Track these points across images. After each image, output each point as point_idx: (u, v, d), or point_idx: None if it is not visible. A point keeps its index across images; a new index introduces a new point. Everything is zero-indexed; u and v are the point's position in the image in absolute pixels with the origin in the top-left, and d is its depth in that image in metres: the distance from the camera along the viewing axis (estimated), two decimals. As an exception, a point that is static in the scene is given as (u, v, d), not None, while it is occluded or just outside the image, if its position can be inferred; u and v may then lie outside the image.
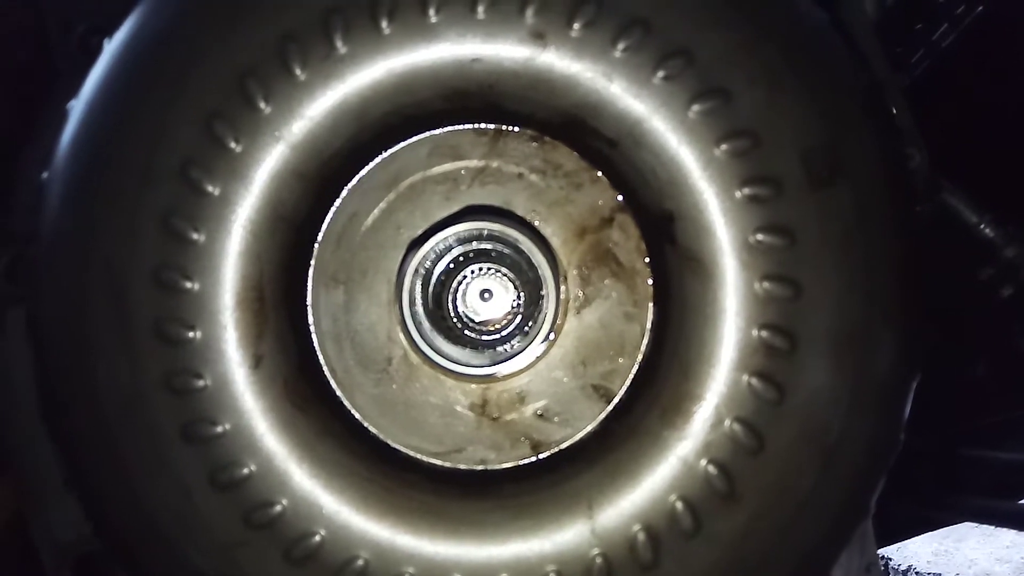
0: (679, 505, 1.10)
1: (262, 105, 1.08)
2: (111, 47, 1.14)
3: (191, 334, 1.08)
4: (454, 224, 1.16)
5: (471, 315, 1.24)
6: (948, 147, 1.59)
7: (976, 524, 3.60)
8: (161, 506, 1.08)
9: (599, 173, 1.17)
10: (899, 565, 4.22)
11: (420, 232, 1.18)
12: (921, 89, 1.92)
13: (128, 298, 1.07)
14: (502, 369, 1.20)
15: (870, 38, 1.46)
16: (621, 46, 1.09)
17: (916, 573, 4.17)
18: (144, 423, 1.08)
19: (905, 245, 1.14)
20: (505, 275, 1.23)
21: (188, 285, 1.08)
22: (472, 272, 1.24)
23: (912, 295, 1.14)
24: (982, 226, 1.69)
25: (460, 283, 1.24)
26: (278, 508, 1.09)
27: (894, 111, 1.32)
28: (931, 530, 2.65)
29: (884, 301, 1.12)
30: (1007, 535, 4.29)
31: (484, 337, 1.25)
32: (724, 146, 1.10)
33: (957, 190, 1.69)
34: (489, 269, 1.24)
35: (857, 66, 1.20)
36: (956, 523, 2.70)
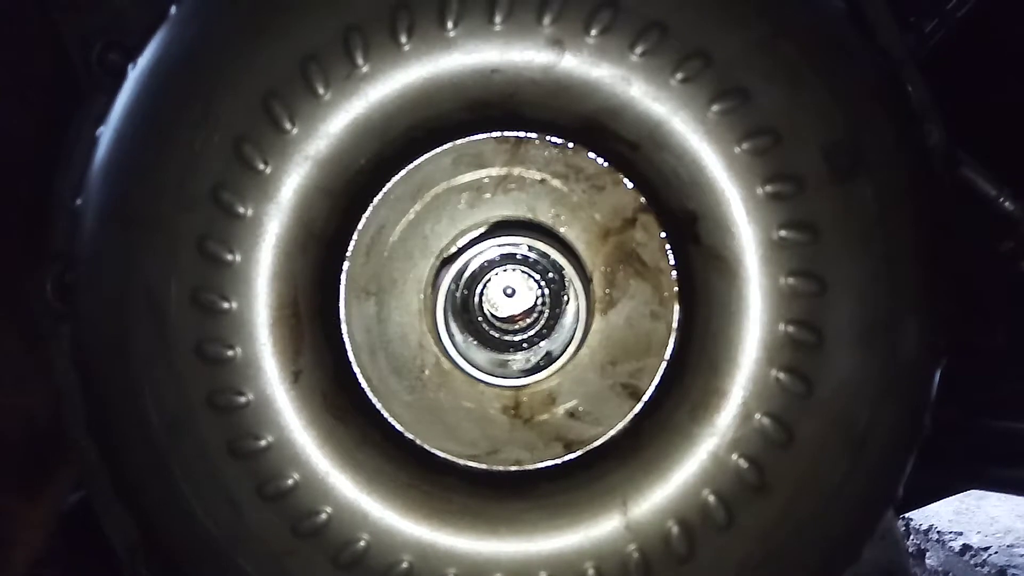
0: (711, 499, 1.13)
1: (288, 126, 1.10)
2: (136, 73, 1.16)
3: (231, 353, 1.11)
4: (484, 240, 1.18)
5: (495, 311, 1.26)
6: (965, 119, 1.59)
7: (996, 486, 3.62)
8: (212, 519, 1.13)
9: (621, 176, 1.19)
10: (920, 525, 4.26)
11: (448, 244, 1.19)
12: (937, 60, 1.90)
13: (169, 321, 1.10)
14: (532, 371, 1.23)
15: (884, 15, 1.45)
16: (639, 50, 1.10)
17: (937, 532, 4.20)
18: (191, 440, 1.12)
19: (928, 234, 1.15)
20: (528, 273, 1.25)
21: (226, 305, 1.11)
22: (496, 273, 1.26)
23: (936, 284, 1.15)
24: (1001, 199, 1.69)
25: (485, 284, 1.26)
26: (324, 516, 1.13)
27: (911, 89, 1.31)
28: (946, 496, 2.68)
29: (909, 292, 1.13)
30: (1028, 492, 4.28)
31: (509, 337, 1.27)
32: (745, 145, 1.11)
33: (975, 163, 1.68)
34: (514, 270, 1.26)
35: (875, 56, 1.19)
36: (970, 489, 2.73)
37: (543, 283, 1.24)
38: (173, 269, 1.10)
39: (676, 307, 1.19)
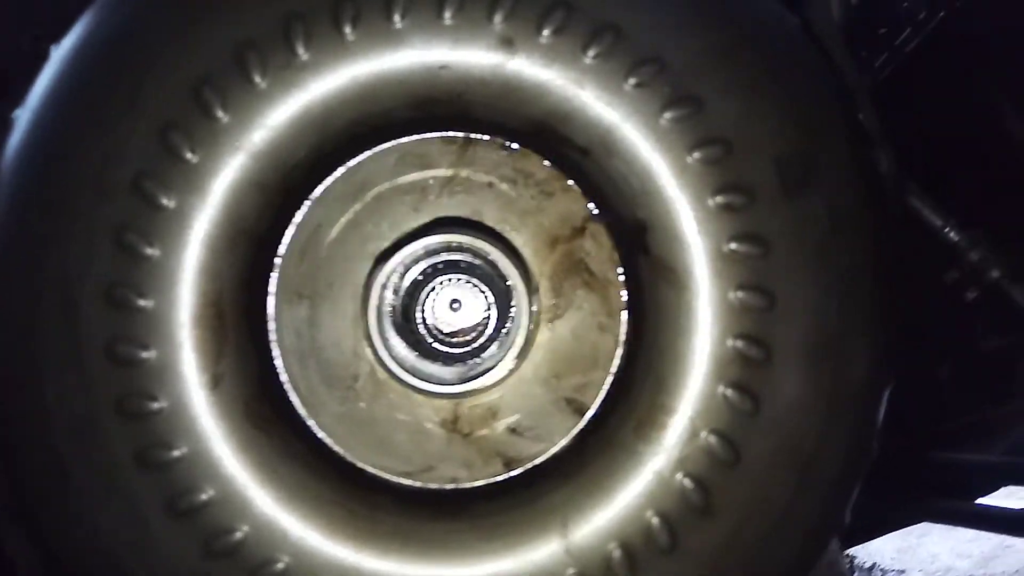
0: (655, 521, 1.07)
1: (220, 114, 1.03)
2: (59, 53, 1.09)
3: (145, 354, 1.03)
4: (423, 236, 1.13)
5: (440, 326, 1.20)
6: (912, 151, 1.60)
7: (938, 522, 3.67)
8: (116, 536, 1.03)
9: (571, 182, 1.15)
10: (864, 563, 4.27)
11: (388, 244, 1.13)
12: (885, 93, 1.93)
13: (79, 317, 1.02)
14: (473, 383, 1.17)
15: (837, 43, 1.45)
16: (592, 52, 1.07)
17: (880, 570, 4.22)
18: (96, 448, 1.03)
19: (879, 253, 1.14)
20: (475, 285, 1.20)
21: (142, 303, 1.03)
22: (441, 283, 1.21)
23: (886, 303, 1.14)
24: (947, 229, 1.70)
25: (429, 294, 1.21)
26: (239, 535, 1.04)
27: (862, 115, 1.31)
28: (892, 531, 2.68)
29: (858, 310, 1.11)
30: (968, 530, 4.37)
31: (454, 350, 1.22)
32: (697, 154, 1.08)
33: (922, 193, 1.70)
34: (459, 279, 1.21)
35: (829, 74, 1.19)
36: (917, 523, 2.74)
37: (490, 295, 1.19)
38: (87, 261, 1.02)
39: (624, 319, 1.15)
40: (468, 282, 1.20)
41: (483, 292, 1.19)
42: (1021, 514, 1.75)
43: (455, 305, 1.21)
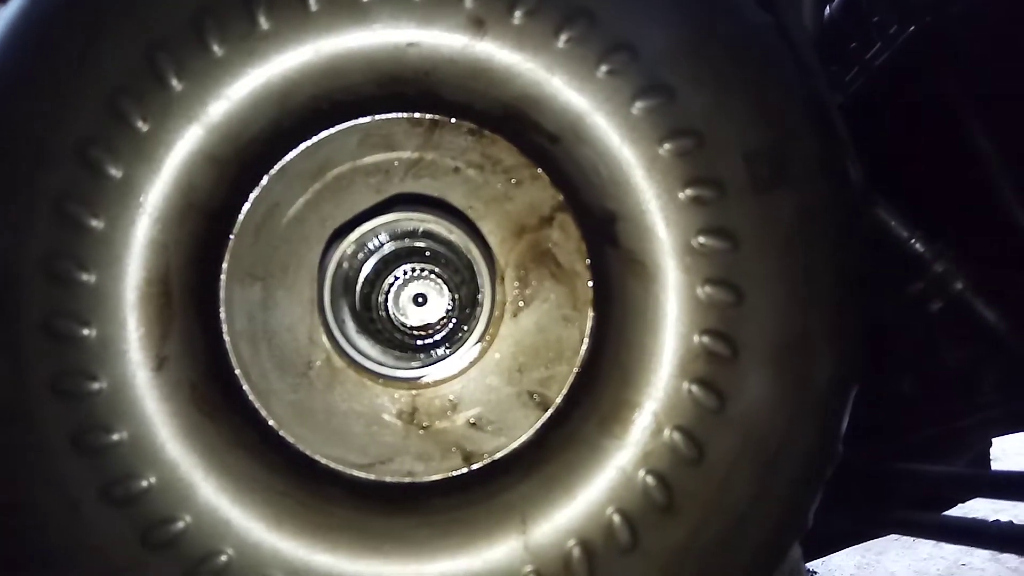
0: (616, 518, 1.04)
1: (174, 82, 0.99)
2: (5, 12, 1.03)
3: (86, 331, 0.97)
4: (383, 214, 1.09)
5: (403, 319, 1.17)
6: (880, 164, 1.61)
7: (897, 537, 3.69)
8: (47, 523, 0.97)
9: (540, 170, 1.12)
10: (823, 578, 4.29)
11: (345, 220, 1.09)
12: (855, 107, 1.95)
13: (14, 289, 0.96)
14: (433, 374, 1.13)
15: (809, 52, 1.45)
16: (564, 37, 1.04)
17: (839, 588, 4.24)
18: (28, 429, 0.96)
19: (847, 253, 1.12)
20: (439, 276, 1.17)
21: (84, 277, 0.97)
22: (405, 273, 1.18)
23: (852, 303, 1.12)
24: (913, 241, 1.71)
25: (392, 285, 1.17)
26: (180, 525, 0.98)
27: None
28: (857, 543, 2.68)
29: (825, 309, 1.09)
30: (925, 547, 4.43)
31: (416, 342, 1.18)
32: (668, 145, 1.06)
33: (888, 205, 1.71)
34: (423, 271, 1.18)
35: (801, 75, 1.18)
36: (881, 536, 2.74)
37: (454, 287, 1.16)
38: (24, 231, 0.96)
39: (590, 312, 1.12)
40: (432, 273, 1.17)
41: (447, 284, 1.16)
42: (985, 526, 1.75)
43: (419, 299, 1.17)
